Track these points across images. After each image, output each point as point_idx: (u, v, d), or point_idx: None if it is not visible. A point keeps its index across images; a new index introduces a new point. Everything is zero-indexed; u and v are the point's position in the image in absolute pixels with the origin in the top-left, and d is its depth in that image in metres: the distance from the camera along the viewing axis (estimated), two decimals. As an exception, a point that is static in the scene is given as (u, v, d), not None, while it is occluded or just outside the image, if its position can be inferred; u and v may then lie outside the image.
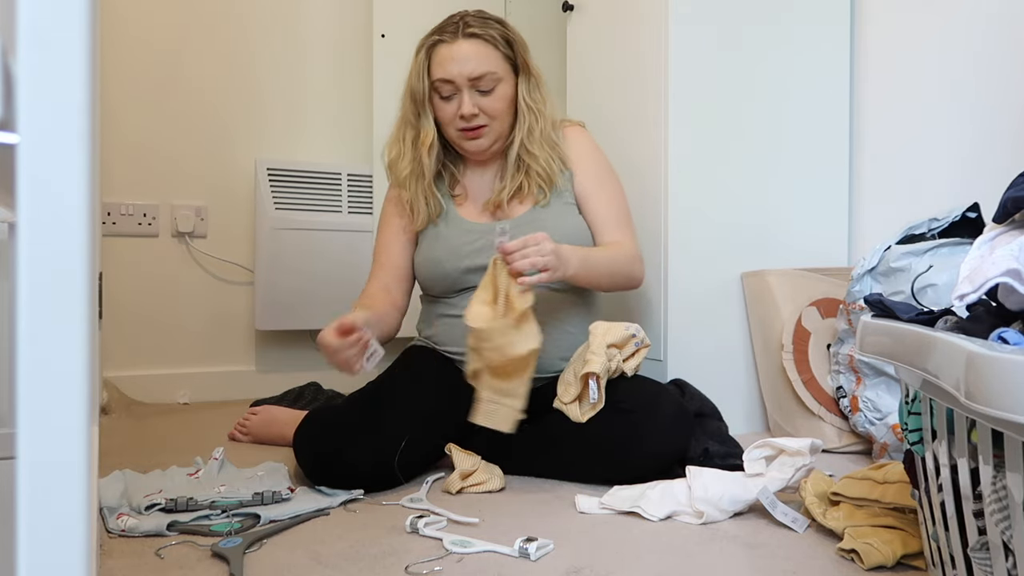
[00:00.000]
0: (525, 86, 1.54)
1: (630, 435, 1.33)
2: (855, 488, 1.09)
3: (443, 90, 1.49)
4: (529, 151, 1.53)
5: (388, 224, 1.61)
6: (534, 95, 1.54)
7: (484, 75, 1.48)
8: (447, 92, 1.49)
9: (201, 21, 2.32)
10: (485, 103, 1.49)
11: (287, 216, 2.32)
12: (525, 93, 1.53)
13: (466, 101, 1.48)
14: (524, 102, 1.53)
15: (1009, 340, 0.64)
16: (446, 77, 1.48)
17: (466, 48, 1.48)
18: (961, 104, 1.69)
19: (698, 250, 1.78)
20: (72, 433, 0.35)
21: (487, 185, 1.59)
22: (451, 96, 1.50)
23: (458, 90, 1.48)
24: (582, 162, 1.59)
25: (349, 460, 1.28)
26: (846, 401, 1.58)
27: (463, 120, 1.50)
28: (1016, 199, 0.75)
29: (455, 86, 1.48)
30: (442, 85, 1.49)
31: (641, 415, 1.34)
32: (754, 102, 1.84)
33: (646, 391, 1.39)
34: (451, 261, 1.51)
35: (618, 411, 1.34)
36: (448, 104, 1.50)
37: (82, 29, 0.35)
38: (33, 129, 0.35)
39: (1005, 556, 0.64)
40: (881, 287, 1.49)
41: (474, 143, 1.53)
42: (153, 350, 2.27)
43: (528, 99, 1.54)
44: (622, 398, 1.36)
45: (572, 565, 0.99)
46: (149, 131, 2.26)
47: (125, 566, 0.98)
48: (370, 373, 1.38)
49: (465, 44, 1.48)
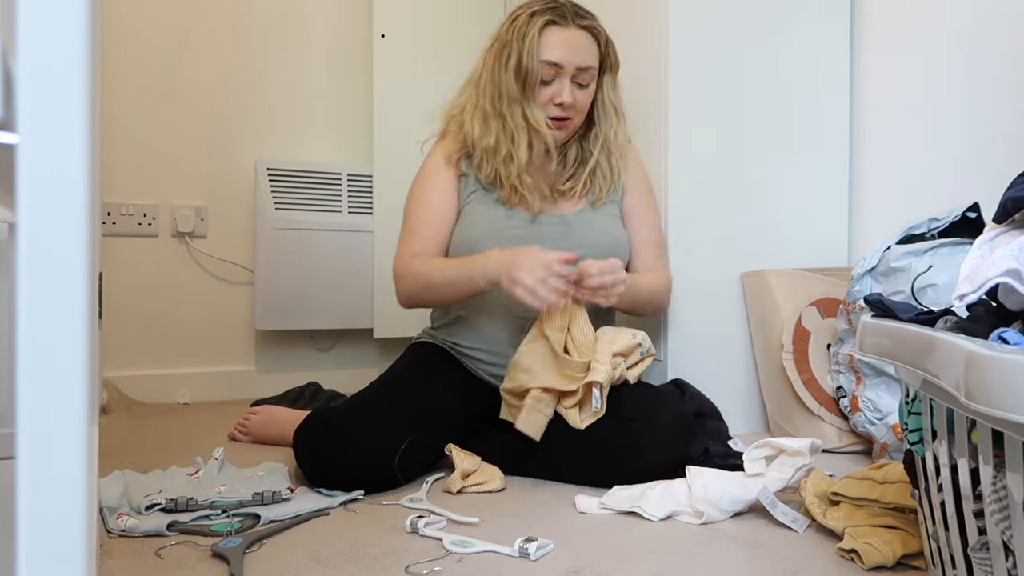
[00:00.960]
0: (611, 85, 1.54)
1: (630, 443, 1.32)
2: (855, 488, 1.09)
3: (546, 73, 1.45)
4: (609, 151, 1.54)
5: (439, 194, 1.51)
6: (617, 96, 1.55)
7: (588, 68, 1.47)
8: (549, 76, 1.46)
9: (201, 21, 2.32)
10: (579, 96, 1.49)
11: (287, 216, 2.32)
12: (611, 92, 1.54)
13: (567, 90, 1.46)
14: (611, 102, 1.53)
15: (1009, 340, 0.64)
16: (556, 61, 1.44)
17: (579, 37, 1.46)
18: (961, 104, 1.69)
19: (698, 250, 1.78)
20: (72, 433, 0.35)
21: (546, 174, 1.55)
22: (550, 81, 1.46)
23: (560, 77, 1.46)
24: (636, 182, 1.61)
25: (349, 461, 1.28)
26: (846, 401, 1.58)
27: (558, 108, 1.47)
28: (1016, 199, 0.75)
29: (560, 71, 1.45)
30: (547, 67, 1.45)
31: (641, 423, 1.33)
32: (754, 102, 1.84)
33: (647, 399, 1.39)
34: (486, 243, 1.45)
35: (619, 419, 1.34)
36: (546, 88, 1.47)
37: (82, 29, 0.35)
38: (33, 129, 0.35)
39: (1005, 556, 0.64)
40: (881, 287, 1.49)
41: (559, 133, 1.51)
42: (153, 350, 2.27)
43: (614, 100, 1.54)
44: (623, 405, 1.35)
45: (572, 565, 0.99)
46: (149, 131, 2.26)
47: (125, 566, 0.98)
48: (370, 373, 1.38)
49: (578, 33, 1.47)
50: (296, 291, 2.32)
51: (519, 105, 1.45)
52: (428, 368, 1.50)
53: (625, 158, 1.60)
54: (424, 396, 1.43)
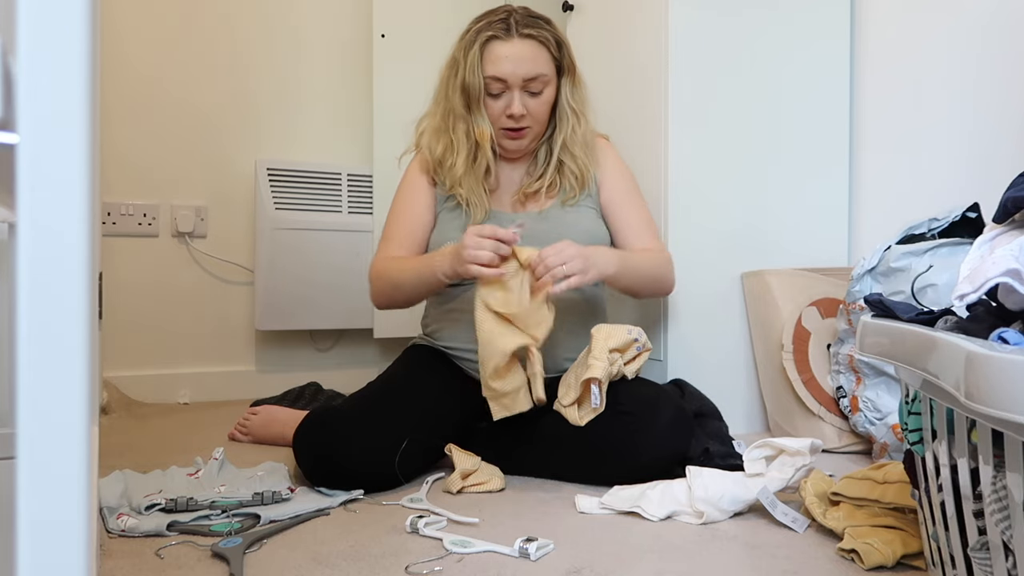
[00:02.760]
0: (569, 87, 1.54)
1: (629, 438, 1.32)
2: (855, 488, 1.09)
3: (493, 88, 1.49)
4: (571, 152, 1.55)
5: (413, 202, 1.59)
6: (577, 97, 1.55)
7: (537, 77, 1.48)
8: (497, 90, 1.49)
9: (201, 21, 2.32)
10: (532, 105, 1.50)
11: (287, 216, 2.32)
12: (569, 94, 1.54)
13: (516, 102, 1.48)
14: (568, 104, 1.54)
15: (1009, 340, 0.64)
16: (500, 75, 1.47)
17: (521, 48, 1.47)
18: (961, 104, 1.69)
19: (698, 250, 1.78)
20: (72, 433, 0.35)
21: (517, 177, 1.60)
22: (500, 94, 1.49)
23: (509, 89, 1.48)
24: (611, 174, 1.60)
25: (349, 461, 1.28)
26: (846, 401, 1.58)
27: (511, 119, 1.50)
28: (1016, 199, 0.75)
29: (506, 85, 1.48)
30: (493, 83, 1.48)
31: (640, 418, 1.34)
32: (754, 102, 1.84)
33: (645, 394, 1.39)
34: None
35: (617, 414, 1.34)
36: (496, 101, 1.50)
37: (82, 29, 0.35)
38: (33, 129, 0.35)
39: (1005, 556, 0.64)
40: (881, 287, 1.49)
41: (516, 143, 1.54)
42: (153, 350, 2.27)
43: (572, 101, 1.55)
44: (622, 401, 1.36)
45: (572, 565, 0.99)
46: (149, 131, 2.26)
47: (125, 566, 0.98)
48: (370, 373, 1.38)
49: (521, 44, 1.47)
50: (296, 291, 2.32)
51: (464, 122, 1.51)
52: (426, 369, 1.51)
53: (594, 153, 1.60)
54: (423, 396, 1.43)
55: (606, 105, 1.94)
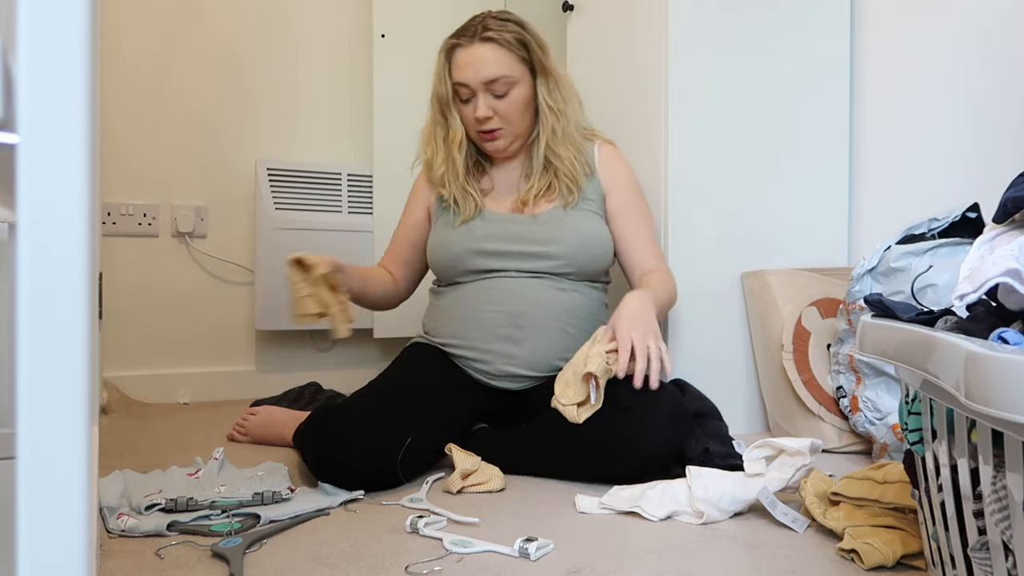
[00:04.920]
0: (544, 87, 1.56)
1: (627, 433, 1.33)
2: (855, 488, 1.09)
3: (461, 93, 1.54)
4: (555, 152, 1.56)
5: (409, 212, 1.69)
6: (554, 96, 1.57)
7: (498, 78, 1.51)
8: (465, 95, 1.54)
9: (201, 21, 2.32)
10: (500, 106, 1.53)
11: (287, 216, 2.32)
12: (545, 94, 1.56)
13: (480, 105, 1.52)
14: (544, 103, 1.56)
15: (1009, 340, 0.64)
16: (462, 81, 1.52)
17: (480, 52, 1.51)
18: (961, 104, 1.69)
19: (698, 250, 1.78)
20: (72, 433, 0.35)
21: (513, 179, 1.62)
22: (469, 99, 1.54)
23: (474, 93, 1.52)
24: (619, 181, 1.62)
25: (350, 460, 1.28)
26: (846, 401, 1.58)
27: (478, 123, 1.54)
28: (1016, 199, 0.75)
29: (471, 89, 1.52)
30: (460, 88, 1.53)
31: (638, 414, 1.34)
32: (754, 102, 1.84)
33: (644, 390, 1.39)
34: (463, 241, 1.54)
35: (615, 410, 1.34)
36: (467, 107, 1.55)
37: (82, 29, 0.35)
38: (33, 129, 0.35)
39: (1005, 556, 0.64)
40: (881, 287, 1.49)
41: (491, 144, 1.57)
42: (153, 350, 2.27)
43: (548, 100, 1.56)
44: (620, 397, 1.36)
45: (572, 565, 0.99)
46: (149, 130, 2.26)
47: (125, 566, 0.98)
48: (370, 373, 1.38)
49: (480, 48, 1.51)
50: (296, 291, 2.31)
51: (443, 128, 1.59)
52: (425, 368, 1.51)
53: (599, 157, 1.62)
54: (423, 395, 1.44)
55: (606, 105, 1.95)
